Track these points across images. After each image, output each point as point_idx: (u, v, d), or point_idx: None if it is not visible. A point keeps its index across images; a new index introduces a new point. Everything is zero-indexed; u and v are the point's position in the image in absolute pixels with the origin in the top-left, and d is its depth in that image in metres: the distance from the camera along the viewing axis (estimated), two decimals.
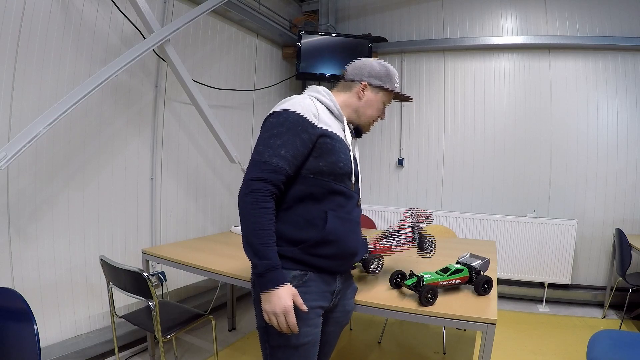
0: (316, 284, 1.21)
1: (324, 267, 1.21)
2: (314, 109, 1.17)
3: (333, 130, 1.21)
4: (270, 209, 1.10)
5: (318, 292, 1.21)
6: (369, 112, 1.34)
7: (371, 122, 1.37)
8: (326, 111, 1.25)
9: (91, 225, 2.39)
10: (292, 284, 1.14)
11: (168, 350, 2.50)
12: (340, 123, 1.28)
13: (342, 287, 1.32)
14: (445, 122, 3.99)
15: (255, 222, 1.08)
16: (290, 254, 1.17)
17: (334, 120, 1.26)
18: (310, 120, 1.14)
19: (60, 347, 2.18)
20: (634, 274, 3.12)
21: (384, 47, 4.10)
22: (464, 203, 3.92)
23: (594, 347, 1.70)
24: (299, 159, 1.14)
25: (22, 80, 1.99)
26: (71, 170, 2.27)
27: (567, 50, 3.60)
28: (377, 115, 1.36)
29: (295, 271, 1.18)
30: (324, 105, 1.26)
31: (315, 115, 1.17)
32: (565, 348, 2.71)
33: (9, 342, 1.22)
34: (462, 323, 1.31)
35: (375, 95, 1.33)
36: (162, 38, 2.39)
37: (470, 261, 1.59)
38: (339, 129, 1.26)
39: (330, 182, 1.19)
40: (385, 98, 1.35)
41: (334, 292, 1.27)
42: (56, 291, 2.21)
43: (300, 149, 1.13)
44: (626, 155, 3.51)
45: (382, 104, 1.35)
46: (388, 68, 1.34)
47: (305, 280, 1.18)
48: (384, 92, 1.34)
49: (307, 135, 1.14)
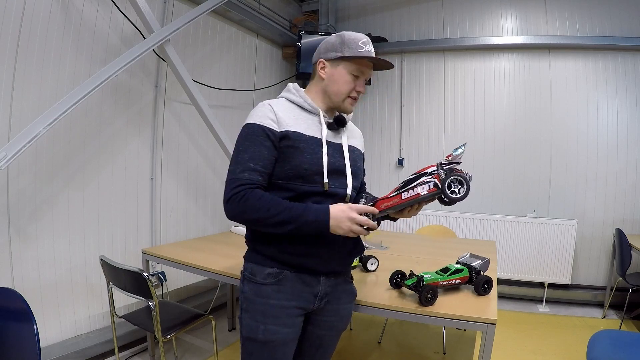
0: (292, 284, 1.18)
1: (300, 266, 1.18)
2: (271, 115, 1.15)
3: (298, 130, 1.16)
4: (258, 194, 1.10)
5: (293, 292, 1.18)
6: (335, 88, 1.21)
7: (344, 98, 1.22)
8: (296, 110, 1.21)
9: (91, 225, 2.39)
10: (267, 281, 1.17)
11: (168, 350, 2.50)
12: (316, 116, 1.22)
13: (332, 290, 1.26)
14: (445, 122, 3.99)
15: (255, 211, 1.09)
16: (266, 251, 1.19)
17: (305, 117, 1.21)
18: (269, 126, 1.13)
19: (60, 347, 2.18)
20: (634, 274, 3.12)
21: (384, 47, 4.10)
22: (464, 203, 3.90)
23: (594, 347, 1.70)
24: (270, 167, 1.14)
25: (22, 80, 1.99)
26: (71, 170, 2.27)
27: (567, 50, 3.60)
28: (347, 89, 1.21)
29: (271, 269, 1.17)
30: (294, 103, 1.23)
31: (274, 120, 1.14)
32: (565, 348, 2.71)
33: (9, 342, 1.22)
34: (462, 323, 1.31)
35: (335, 69, 1.21)
36: (162, 38, 2.39)
37: (470, 261, 1.59)
38: (313, 124, 1.20)
39: (300, 185, 1.15)
40: (350, 68, 1.19)
41: (316, 295, 1.22)
42: (56, 291, 2.21)
43: (267, 156, 1.13)
44: (626, 155, 3.51)
45: (349, 76, 1.20)
46: (344, 35, 1.20)
47: (280, 279, 1.17)
48: (345, 61, 1.19)
49: (271, 143, 1.13)
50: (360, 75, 1.21)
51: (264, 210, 1.09)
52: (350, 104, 1.24)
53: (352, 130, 1.37)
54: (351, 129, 1.35)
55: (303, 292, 1.20)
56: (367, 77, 1.24)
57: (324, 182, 1.16)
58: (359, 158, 1.32)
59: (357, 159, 1.30)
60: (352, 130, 1.37)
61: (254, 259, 1.22)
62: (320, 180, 1.16)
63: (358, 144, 1.34)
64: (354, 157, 1.28)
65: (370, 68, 1.23)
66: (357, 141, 1.35)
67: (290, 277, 1.18)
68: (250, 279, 1.20)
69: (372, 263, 1.81)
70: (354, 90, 1.22)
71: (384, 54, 4.15)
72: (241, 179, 1.11)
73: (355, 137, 1.35)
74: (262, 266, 1.19)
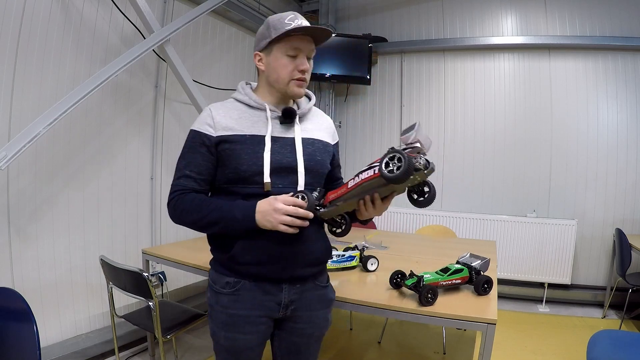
0: (251, 294, 1.14)
1: (257, 275, 1.13)
2: (208, 120, 1.12)
3: (237, 132, 1.11)
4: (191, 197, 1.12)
5: (253, 302, 1.14)
6: (275, 76, 1.13)
7: (287, 82, 1.13)
8: (242, 109, 1.15)
9: (91, 226, 2.39)
10: (225, 290, 1.15)
11: (168, 350, 2.50)
12: (263, 112, 1.15)
13: (299, 297, 1.18)
14: (445, 122, 3.99)
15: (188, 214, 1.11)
16: (222, 260, 1.17)
17: (251, 115, 1.14)
18: (205, 132, 1.12)
19: (60, 347, 2.18)
20: (634, 274, 3.11)
21: (384, 47, 4.10)
22: (464, 203, 3.92)
23: (594, 347, 1.70)
24: (206, 173, 1.14)
25: (22, 80, 1.99)
26: (71, 170, 2.27)
27: (567, 50, 3.60)
28: (286, 72, 1.12)
29: (229, 277, 1.15)
30: (241, 102, 1.17)
31: (211, 124, 1.11)
32: (565, 348, 2.71)
33: (9, 342, 1.22)
34: (462, 323, 1.31)
35: (270, 56, 1.13)
36: (162, 38, 2.39)
37: (470, 261, 1.59)
38: (260, 121, 1.14)
39: (243, 188, 1.11)
40: (283, 48, 1.11)
41: (280, 304, 1.16)
42: (56, 291, 2.21)
43: (203, 163, 1.12)
44: (626, 155, 3.51)
45: (284, 58, 1.11)
46: (269, 20, 1.13)
47: (238, 289, 1.14)
48: (276, 44, 1.11)
49: (206, 149, 1.12)
50: (298, 52, 1.11)
51: (195, 212, 1.10)
52: (298, 86, 1.14)
53: (316, 120, 1.25)
54: (314, 119, 1.25)
55: (264, 301, 1.15)
56: (306, 52, 1.13)
57: (267, 182, 1.09)
58: (322, 151, 1.21)
59: (318, 152, 1.19)
60: (316, 120, 1.25)
61: (214, 266, 1.22)
62: (262, 180, 1.09)
63: (323, 135, 1.23)
64: (312, 150, 1.17)
65: (307, 42, 1.12)
66: (322, 132, 1.24)
67: (248, 287, 1.14)
68: (211, 286, 1.20)
69: (372, 263, 1.81)
70: (295, 70, 1.12)
71: (384, 54, 4.16)
72: (176, 185, 1.14)
73: (321, 128, 1.24)
74: (221, 274, 1.17)
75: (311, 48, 1.14)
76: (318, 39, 1.15)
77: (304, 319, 1.21)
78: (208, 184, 1.16)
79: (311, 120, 1.23)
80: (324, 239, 1.24)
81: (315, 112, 1.28)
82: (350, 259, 1.80)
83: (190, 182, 1.13)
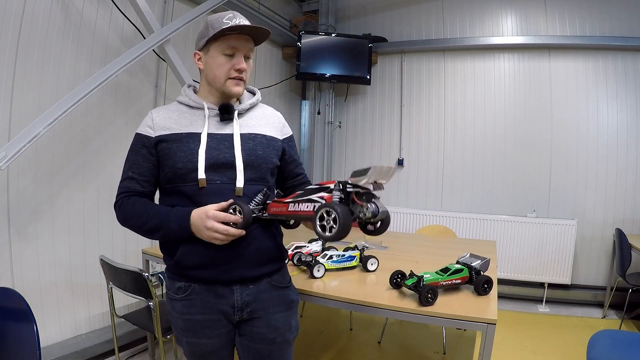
0: (202, 297, 1.13)
1: (204, 278, 1.12)
2: (149, 121, 1.14)
3: (175, 131, 1.12)
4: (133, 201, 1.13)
5: (206, 306, 1.13)
6: (212, 75, 1.14)
7: (223, 81, 1.13)
8: (182, 110, 1.17)
9: (91, 225, 2.39)
10: (178, 295, 1.14)
11: (168, 350, 2.50)
12: (202, 111, 1.16)
13: (254, 299, 1.15)
14: (445, 122, 3.99)
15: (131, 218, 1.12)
16: (170, 264, 1.17)
17: (191, 115, 1.15)
18: (145, 134, 1.13)
19: (60, 347, 2.18)
20: (634, 274, 3.11)
21: (384, 47, 4.10)
22: (464, 203, 3.92)
23: (594, 347, 1.70)
24: (148, 174, 1.14)
25: (22, 80, 1.99)
26: (71, 170, 2.27)
27: (567, 50, 3.60)
28: (222, 71, 1.12)
29: (180, 282, 1.15)
30: (183, 104, 1.18)
31: (150, 126, 1.13)
32: (565, 348, 2.71)
33: (9, 342, 1.22)
34: (462, 323, 1.31)
35: (208, 55, 1.13)
36: (162, 38, 2.39)
37: (470, 261, 1.59)
38: (198, 119, 1.14)
39: (180, 186, 1.11)
40: (220, 47, 1.10)
41: (234, 306, 1.14)
42: (56, 291, 2.21)
43: (144, 164, 1.13)
44: (626, 155, 3.51)
45: (221, 57, 1.11)
46: (208, 19, 1.12)
47: (189, 293, 1.13)
48: (213, 43, 1.11)
49: (146, 150, 1.13)
50: (235, 51, 1.11)
51: (136, 218, 1.11)
52: (235, 84, 1.14)
53: (261, 115, 1.24)
54: (259, 115, 1.24)
55: (217, 304, 1.13)
56: (244, 52, 1.12)
57: (202, 179, 1.08)
58: (265, 146, 1.18)
59: (260, 146, 1.17)
60: (261, 115, 1.24)
61: (167, 270, 1.20)
62: (197, 177, 1.08)
63: (268, 130, 1.21)
64: (253, 145, 1.15)
65: (244, 41, 1.11)
66: (267, 127, 1.22)
67: (199, 291, 1.13)
68: (167, 293, 1.19)
69: (372, 263, 1.81)
70: (232, 69, 1.12)
71: (384, 54, 4.16)
72: (121, 187, 1.16)
73: (266, 124, 1.23)
74: (172, 280, 1.16)
75: (249, 47, 1.13)
76: (257, 39, 1.15)
77: (260, 323, 1.17)
78: (152, 185, 1.17)
79: (255, 116, 1.23)
80: (274, 236, 1.21)
81: (261, 107, 1.27)
82: (350, 259, 1.80)
83: (134, 184, 1.14)
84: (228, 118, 1.16)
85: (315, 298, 1.51)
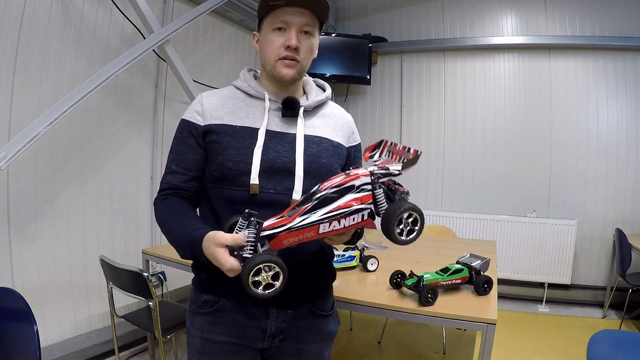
0: (230, 315, 0.96)
1: (237, 295, 0.94)
2: (197, 107, 0.98)
3: (227, 122, 0.96)
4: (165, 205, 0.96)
5: (232, 326, 0.96)
6: (264, 56, 0.98)
7: (274, 63, 0.96)
8: (240, 97, 1.01)
9: (91, 225, 2.39)
10: (202, 310, 0.98)
11: (168, 351, 2.50)
12: (262, 102, 1.00)
13: (289, 326, 0.99)
14: (445, 122, 3.99)
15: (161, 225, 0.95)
16: (201, 274, 1.00)
17: (249, 105, 0.99)
18: (192, 121, 0.97)
19: (60, 347, 2.18)
20: (634, 274, 3.11)
21: (384, 47, 4.10)
22: (464, 203, 3.92)
23: (594, 347, 1.69)
24: (194, 169, 0.97)
25: (22, 80, 1.99)
26: (71, 170, 2.27)
27: (567, 50, 3.60)
28: (274, 49, 0.95)
29: (208, 295, 0.98)
30: (241, 90, 1.02)
31: (199, 112, 0.97)
32: (565, 348, 2.71)
33: (9, 342, 1.22)
34: (462, 323, 1.31)
35: (261, 35, 0.99)
36: (162, 38, 2.39)
37: (470, 261, 1.58)
38: (257, 112, 0.98)
39: (226, 189, 0.94)
40: (270, 23, 0.95)
41: (266, 331, 0.97)
42: (56, 291, 2.21)
43: (190, 156, 0.97)
44: (626, 155, 3.51)
45: (272, 33, 0.95)
46: None
47: (216, 309, 0.97)
48: (265, 19, 0.97)
49: (193, 140, 0.97)
50: (285, 25, 0.94)
51: (162, 227, 0.95)
52: (285, 65, 0.96)
53: (329, 116, 1.06)
54: (327, 115, 1.06)
55: (247, 326, 0.96)
56: (297, 26, 0.94)
57: (255, 184, 0.91)
58: (330, 153, 1.00)
59: (324, 153, 0.99)
60: (329, 116, 1.06)
61: (194, 281, 1.04)
62: (249, 181, 0.91)
63: (334, 135, 1.04)
64: (317, 150, 0.98)
65: (297, 14, 0.93)
66: (335, 131, 1.04)
67: (229, 308, 0.96)
68: (189, 307, 1.03)
69: (372, 263, 1.81)
70: (281, 47, 0.94)
71: (384, 54, 4.16)
72: (162, 183, 0.99)
73: (334, 127, 1.05)
74: (199, 292, 1.00)
75: (304, 21, 0.94)
76: (317, 12, 0.96)
77: (291, 352, 1.01)
78: (198, 181, 0.99)
79: (322, 116, 1.05)
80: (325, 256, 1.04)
81: (330, 106, 1.09)
82: (350, 259, 1.80)
83: (176, 179, 0.97)
84: (292, 115, 0.98)
85: None
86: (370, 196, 0.77)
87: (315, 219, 0.75)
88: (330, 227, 0.76)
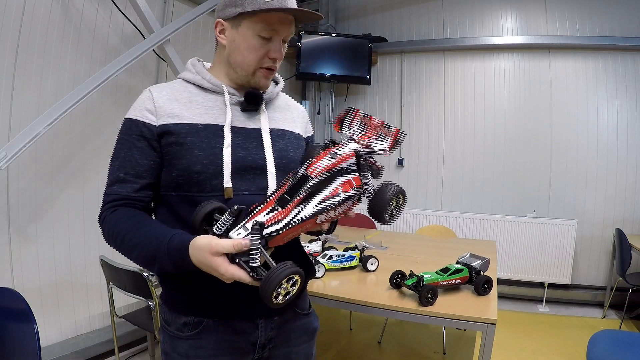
0: (216, 336, 0.87)
1: (228, 313, 0.87)
2: (148, 104, 0.87)
3: (186, 120, 0.85)
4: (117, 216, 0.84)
5: (220, 347, 0.88)
6: (239, 58, 0.88)
7: (253, 70, 0.88)
8: (192, 91, 0.91)
9: (91, 225, 2.39)
10: (183, 333, 0.87)
11: None
12: (221, 96, 0.90)
13: (277, 333, 0.93)
14: (445, 123, 3.99)
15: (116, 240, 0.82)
16: (178, 294, 0.88)
17: (204, 99, 0.90)
18: (144, 121, 0.86)
19: (60, 347, 2.18)
20: (634, 274, 3.11)
21: (384, 47, 4.10)
22: (464, 203, 3.92)
23: (594, 347, 1.70)
24: (147, 176, 0.86)
25: (22, 80, 1.99)
26: (71, 170, 2.27)
27: (567, 50, 3.60)
28: (254, 57, 0.87)
29: (188, 317, 0.87)
30: (192, 83, 0.92)
31: (151, 110, 0.86)
32: (565, 348, 2.71)
33: (9, 342, 1.22)
34: (462, 323, 1.31)
35: (237, 31, 0.86)
36: (162, 38, 2.39)
37: (470, 261, 1.59)
38: (215, 107, 0.89)
39: (195, 196, 0.83)
40: (256, 27, 0.84)
41: (256, 343, 0.90)
42: (56, 291, 2.21)
43: (141, 161, 0.85)
44: (626, 155, 3.51)
45: (255, 38, 0.85)
46: None
47: (200, 331, 0.87)
48: (248, 19, 0.84)
49: (146, 142, 0.85)
50: (273, 35, 0.86)
51: (119, 243, 0.82)
52: (265, 76, 0.90)
53: (285, 107, 1.01)
54: (283, 106, 1.00)
55: (235, 343, 0.89)
56: (284, 36, 0.88)
57: (228, 188, 0.82)
58: (295, 146, 0.96)
59: (290, 146, 0.94)
60: (285, 107, 1.01)
61: (167, 301, 0.91)
62: (221, 185, 0.83)
63: (294, 126, 0.99)
64: (284, 145, 0.93)
65: (287, 24, 0.87)
66: (293, 122, 0.99)
67: (214, 328, 0.87)
68: (164, 328, 0.91)
69: (372, 263, 1.81)
70: (266, 57, 0.87)
71: (384, 54, 4.16)
72: (108, 194, 0.87)
73: (292, 118, 1.00)
74: (177, 313, 0.88)
75: (290, 32, 0.89)
76: (300, 21, 0.92)
77: (281, 357, 0.96)
78: (151, 189, 0.87)
79: (279, 108, 0.99)
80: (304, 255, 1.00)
81: (283, 98, 1.03)
82: (350, 259, 1.80)
83: (126, 189, 0.85)
84: (253, 109, 0.91)
85: (316, 298, 1.51)
86: (359, 178, 0.76)
87: (312, 210, 0.71)
88: (326, 216, 0.74)
